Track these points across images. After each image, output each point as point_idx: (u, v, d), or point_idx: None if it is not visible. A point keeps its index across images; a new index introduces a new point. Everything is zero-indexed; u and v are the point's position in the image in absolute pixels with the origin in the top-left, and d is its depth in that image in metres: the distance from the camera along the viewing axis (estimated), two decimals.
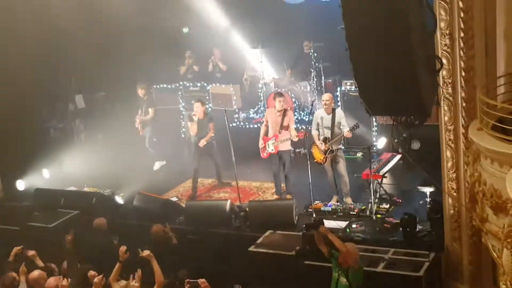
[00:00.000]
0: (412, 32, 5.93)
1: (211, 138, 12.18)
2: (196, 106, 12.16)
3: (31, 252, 8.92)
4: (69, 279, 7.94)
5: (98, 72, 15.68)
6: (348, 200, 11.07)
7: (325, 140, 11.01)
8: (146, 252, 8.04)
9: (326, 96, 11.15)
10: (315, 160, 11.22)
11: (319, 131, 11.12)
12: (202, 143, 12.06)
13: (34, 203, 12.18)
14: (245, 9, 16.05)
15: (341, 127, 11.01)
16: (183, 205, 11.54)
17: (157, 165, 13.67)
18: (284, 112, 11.44)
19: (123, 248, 8.12)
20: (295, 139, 11.51)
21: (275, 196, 11.86)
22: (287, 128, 11.42)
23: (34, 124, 14.62)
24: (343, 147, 11.90)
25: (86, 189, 13.06)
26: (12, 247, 9.41)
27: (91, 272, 8.03)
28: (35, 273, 8.24)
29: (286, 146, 11.53)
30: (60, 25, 14.71)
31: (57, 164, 13.89)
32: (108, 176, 13.21)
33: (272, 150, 11.42)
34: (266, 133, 11.59)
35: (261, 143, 11.55)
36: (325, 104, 10.99)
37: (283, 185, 11.84)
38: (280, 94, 11.69)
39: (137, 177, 13.09)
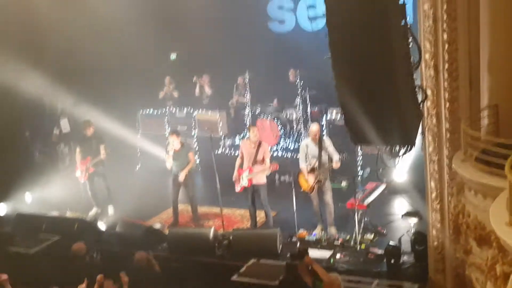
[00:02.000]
0: (397, 63, 5.98)
1: (191, 168, 12.00)
2: (171, 140, 11.89)
3: (3, 277, 8.74)
4: None
5: (85, 96, 15.64)
6: (332, 229, 11.02)
7: (313, 170, 10.96)
8: (124, 278, 7.99)
9: (314, 128, 10.99)
10: (302, 190, 11.16)
11: (306, 161, 11.02)
12: (182, 176, 11.81)
13: (15, 228, 12.01)
14: (233, 36, 16.15)
15: (330, 154, 10.94)
16: (166, 232, 11.43)
17: (93, 212, 13.05)
18: (259, 145, 11.25)
19: (100, 277, 8.04)
20: (267, 173, 11.35)
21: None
22: (262, 161, 11.22)
23: (18, 147, 14.49)
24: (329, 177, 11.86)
25: (68, 214, 12.93)
26: None
27: None
28: None
29: (261, 179, 11.26)
30: (47, 50, 14.71)
31: (40, 188, 13.75)
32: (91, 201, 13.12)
33: (246, 183, 11.23)
34: (242, 165, 11.41)
35: (235, 176, 11.35)
36: (314, 135, 10.94)
37: (261, 216, 11.75)
38: (255, 125, 11.54)
39: (121, 202, 12.99)
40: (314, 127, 11.09)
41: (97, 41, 14.89)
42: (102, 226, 12.02)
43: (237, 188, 11.34)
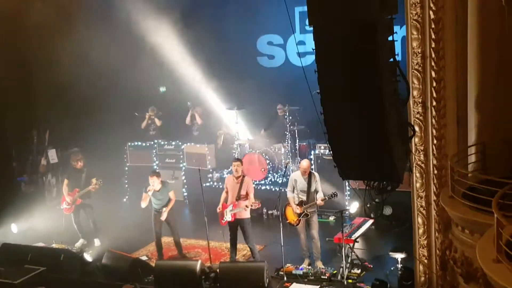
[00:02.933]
0: (384, 99, 6.05)
1: (170, 205, 11.94)
2: (152, 181, 11.75)
3: None
4: None
5: (72, 128, 15.68)
6: (319, 263, 11.02)
7: (301, 203, 11.02)
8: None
9: (305, 164, 11.10)
10: (287, 221, 11.20)
11: (294, 193, 11.14)
12: (164, 216, 11.71)
13: (1, 258, 11.89)
14: (222, 70, 16.27)
15: (317, 191, 11.06)
16: (153, 265, 11.36)
17: (79, 243, 12.94)
18: (242, 179, 11.26)
19: None
20: (251, 207, 11.34)
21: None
22: (246, 195, 11.21)
23: (5, 178, 14.43)
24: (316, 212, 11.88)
25: (54, 245, 12.83)
26: None
27: None
28: None
29: (245, 215, 11.22)
30: (37, 79, 14.77)
31: (26, 219, 13.65)
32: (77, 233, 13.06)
33: (229, 218, 11.18)
34: (227, 200, 11.36)
35: (218, 208, 11.28)
36: (304, 171, 11.02)
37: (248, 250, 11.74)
38: (237, 159, 11.51)
39: (107, 234, 12.93)
40: (304, 162, 11.19)
41: (87, 74, 14.97)
42: (88, 257, 11.93)
43: (222, 222, 11.32)
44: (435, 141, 8.02)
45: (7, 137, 14.58)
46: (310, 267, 10.97)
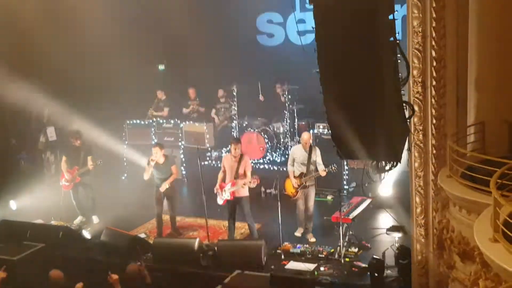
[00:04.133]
0: (384, 78, 6.05)
1: (173, 181, 11.95)
2: (154, 151, 11.81)
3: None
4: None
5: (71, 106, 15.64)
6: (310, 236, 11.21)
7: (300, 175, 11.14)
8: (115, 277, 8.04)
9: (306, 136, 11.33)
10: (285, 193, 11.29)
11: (293, 166, 11.26)
12: (164, 187, 11.75)
13: (0, 234, 11.92)
14: (222, 48, 16.24)
15: (317, 164, 11.20)
16: (151, 242, 11.42)
17: (77, 220, 12.98)
18: (240, 158, 11.27)
19: (79, 285, 8.06)
20: (251, 185, 11.40)
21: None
22: (244, 174, 11.25)
23: (4, 154, 14.43)
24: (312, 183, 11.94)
25: (53, 222, 12.87)
26: None
27: None
28: None
29: (244, 193, 11.27)
30: (37, 57, 14.72)
31: (25, 196, 13.68)
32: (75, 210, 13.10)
33: (228, 196, 11.22)
34: (224, 179, 11.40)
35: (216, 189, 11.34)
36: (305, 143, 11.18)
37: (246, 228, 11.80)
38: (237, 140, 11.50)
39: (106, 212, 12.97)
40: (305, 135, 11.42)
41: (86, 51, 14.93)
42: (87, 234, 11.98)
43: (220, 201, 11.36)
44: (434, 121, 8.01)
45: (6, 115, 14.55)
46: (303, 237, 11.06)
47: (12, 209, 13.65)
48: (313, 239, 11.12)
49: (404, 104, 6.57)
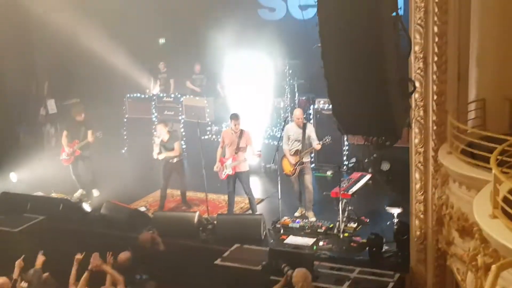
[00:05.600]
0: (386, 54, 6.01)
1: (176, 157, 11.92)
2: (158, 128, 11.91)
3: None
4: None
5: (72, 78, 15.62)
6: (310, 214, 11.18)
7: (296, 152, 11.13)
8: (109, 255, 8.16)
9: (298, 113, 11.28)
10: (284, 172, 11.29)
11: (289, 144, 11.23)
12: (162, 156, 11.81)
13: (0, 206, 11.98)
14: (222, 22, 16.12)
15: (311, 140, 11.17)
16: (151, 215, 11.47)
17: (78, 193, 13.06)
18: (241, 133, 11.27)
19: (79, 256, 8.14)
20: (257, 157, 11.44)
21: None
22: (244, 149, 11.26)
23: (4, 127, 14.43)
24: (312, 159, 11.94)
25: (53, 195, 12.92)
26: None
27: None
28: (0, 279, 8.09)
29: (244, 167, 11.30)
30: (35, 29, 14.65)
31: (25, 168, 13.70)
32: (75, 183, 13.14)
33: (230, 171, 11.23)
34: (223, 154, 11.42)
35: (217, 166, 11.33)
36: (298, 119, 11.10)
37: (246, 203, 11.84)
38: (237, 116, 11.37)
39: (106, 185, 13.01)
40: (297, 112, 11.37)
41: (86, 23, 14.84)
42: (87, 207, 12.02)
43: (221, 176, 11.37)
44: (435, 97, 7.98)
45: (6, 87, 14.52)
46: (304, 214, 11.08)
47: (12, 181, 13.69)
48: (313, 218, 11.09)
49: (405, 80, 6.55)
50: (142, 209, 12.15)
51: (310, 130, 11.24)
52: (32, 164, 13.75)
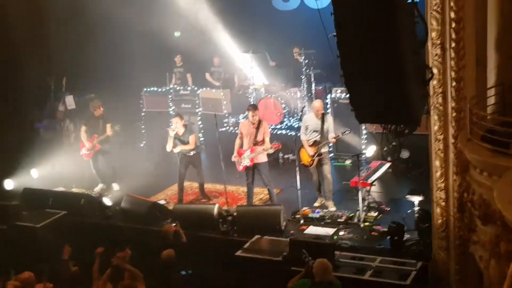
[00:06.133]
0: (402, 41, 5.96)
1: (192, 150, 11.93)
2: (174, 121, 11.90)
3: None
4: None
5: (89, 74, 15.68)
6: (330, 204, 11.15)
7: (314, 143, 11.07)
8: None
9: (318, 104, 11.22)
10: (302, 163, 11.26)
11: (307, 135, 11.19)
12: (178, 149, 11.80)
13: (22, 202, 12.11)
14: (237, 13, 16.10)
15: (329, 132, 11.13)
16: (171, 208, 11.52)
17: (98, 188, 13.14)
18: (259, 124, 11.25)
19: (99, 250, 8.19)
20: (271, 151, 11.42)
21: None
22: (262, 140, 11.23)
23: (24, 124, 14.55)
24: (330, 149, 11.89)
25: (74, 190, 13.02)
26: None
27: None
28: (25, 275, 8.15)
29: (262, 158, 11.27)
30: (53, 26, 14.73)
31: (46, 164, 13.82)
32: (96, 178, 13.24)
33: (248, 163, 11.23)
34: (241, 146, 11.40)
35: (234, 157, 11.33)
36: (317, 111, 11.06)
37: (265, 194, 11.84)
38: (254, 107, 11.39)
39: (126, 179, 13.08)
40: (317, 103, 11.30)
41: (102, 19, 14.89)
42: (107, 201, 12.10)
43: (239, 168, 11.39)
44: (453, 83, 7.90)
45: (24, 84, 14.62)
46: (326, 210, 11.06)
47: (33, 178, 13.80)
48: (333, 208, 11.06)
49: (423, 67, 6.50)
50: (162, 202, 12.20)
51: (329, 122, 11.18)
52: (53, 160, 13.85)
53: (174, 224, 9.80)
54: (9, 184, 13.42)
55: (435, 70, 7.89)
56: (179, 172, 12.02)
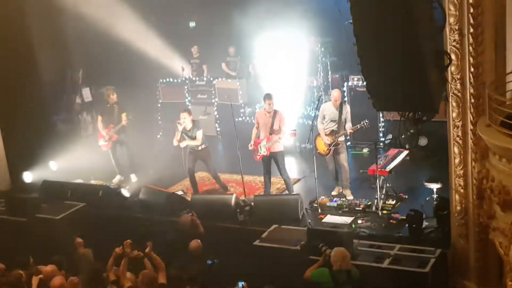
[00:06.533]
0: (420, 27, 5.91)
1: (200, 145, 11.92)
2: (182, 117, 11.89)
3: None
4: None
5: (106, 66, 15.73)
6: (348, 192, 11.12)
7: (332, 133, 11.03)
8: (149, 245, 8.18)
9: (336, 94, 11.13)
10: (318, 151, 11.23)
11: (324, 124, 11.14)
12: (184, 144, 11.88)
13: (42, 195, 12.21)
14: (251, 3, 16.04)
15: (347, 121, 11.09)
16: (189, 199, 11.55)
17: (116, 179, 13.26)
18: (275, 113, 11.24)
19: (127, 242, 8.17)
20: (292, 136, 11.41)
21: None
22: (278, 130, 11.23)
23: (41, 117, 14.65)
24: (347, 137, 11.84)
25: (92, 181, 13.10)
26: (20, 239, 9.42)
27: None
28: (48, 268, 8.21)
29: (279, 147, 11.29)
30: (67, 18, 14.78)
31: (64, 156, 13.90)
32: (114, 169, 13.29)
33: (265, 152, 11.24)
34: (259, 135, 11.40)
35: (251, 146, 11.38)
36: (336, 100, 11.00)
37: (282, 183, 11.83)
38: (270, 96, 11.35)
39: (143, 170, 13.13)
40: (336, 92, 11.22)
41: (117, 10, 14.91)
42: (125, 193, 12.16)
43: (256, 157, 11.39)
44: (472, 69, 7.81)
45: (42, 77, 14.71)
46: (341, 192, 11.02)
47: (52, 170, 13.90)
48: (350, 197, 11.04)
49: (441, 53, 6.43)
50: (180, 193, 12.25)
51: (347, 111, 11.12)
52: (71, 152, 13.93)
53: (190, 214, 9.82)
54: (28, 177, 13.54)
55: (453, 56, 7.81)
56: (187, 167, 12.02)
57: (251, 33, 15.54)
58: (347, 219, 10.26)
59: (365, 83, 6.50)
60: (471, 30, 7.67)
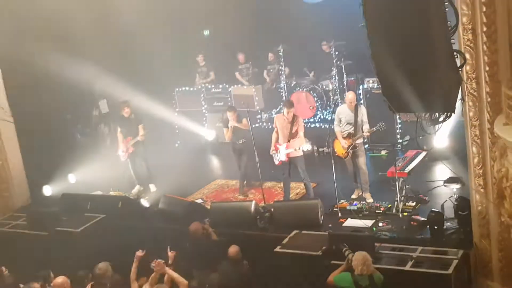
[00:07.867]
0: (433, 28, 5.91)
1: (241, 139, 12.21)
2: (229, 115, 12.10)
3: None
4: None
5: (121, 78, 15.82)
6: (368, 195, 11.08)
7: (349, 135, 11.03)
8: (172, 254, 8.20)
9: (351, 96, 11.13)
10: (336, 154, 11.20)
11: (340, 126, 11.15)
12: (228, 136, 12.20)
13: (61, 208, 12.26)
14: (264, 9, 16.09)
15: (363, 123, 11.06)
16: (208, 207, 11.57)
17: (135, 189, 13.30)
18: (293, 119, 11.25)
19: (139, 253, 8.26)
20: (308, 147, 11.42)
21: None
22: (296, 134, 11.25)
23: (60, 130, 14.75)
24: (365, 139, 11.80)
25: (112, 193, 13.16)
26: (41, 252, 9.47)
27: None
28: (59, 279, 8.27)
29: (298, 152, 11.30)
30: (82, 32, 14.88)
31: (82, 169, 13.99)
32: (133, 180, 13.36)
33: (284, 158, 11.25)
34: (278, 139, 11.40)
35: (272, 150, 11.40)
36: (351, 103, 10.99)
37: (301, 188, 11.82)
38: (290, 105, 11.34)
39: (162, 180, 13.18)
40: (350, 95, 11.22)
41: (132, 21, 15.01)
42: (145, 203, 12.20)
43: (276, 162, 11.40)
44: (487, 68, 7.77)
45: (59, 91, 14.81)
46: (361, 195, 10.99)
47: (71, 183, 13.99)
48: (370, 200, 10.99)
49: (455, 53, 6.40)
50: (199, 201, 12.26)
51: (363, 113, 11.09)
52: (89, 164, 14.01)
53: (206, 220, 9.82)
54: (47, 190, 13.63)
55: (467, 56, 7.77)
56: (237, 164, 12.36)
57: (264, 40, 15.62)
58: (368, 222, 10.20)
59: (380, 85, 6.50)
60: (485, 29, 7.64)
